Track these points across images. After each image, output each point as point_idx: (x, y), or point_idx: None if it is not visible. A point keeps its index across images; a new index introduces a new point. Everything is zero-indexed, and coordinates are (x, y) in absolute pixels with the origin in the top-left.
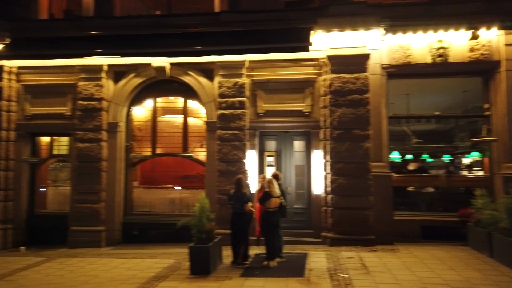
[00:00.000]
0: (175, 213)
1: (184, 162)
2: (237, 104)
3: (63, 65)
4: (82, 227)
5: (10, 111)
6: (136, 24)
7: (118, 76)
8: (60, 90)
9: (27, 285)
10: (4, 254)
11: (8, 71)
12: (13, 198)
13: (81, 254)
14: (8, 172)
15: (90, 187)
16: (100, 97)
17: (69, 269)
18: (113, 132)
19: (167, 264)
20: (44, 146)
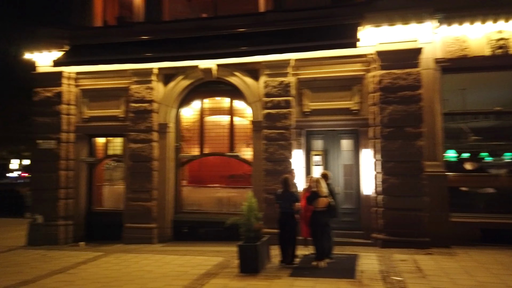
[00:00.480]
0: (222, 211)
1: (230, 161)
2: (283, 103)
3: (116, 69)
4: (136, 224)
5: (69, 114)
6: (184, 28)
7: (167, 78)
8: (114, 94)
9: (87, 278)
10: (66, 248)
11: (67, 77)
12: (73, 196)
13: (135, 250)
14: (69, 171)
15: (142, 185)
16: (150, 99)
17: (125, 264)
18: (163, 132)
19: (216, 262)
20: (100, 147)
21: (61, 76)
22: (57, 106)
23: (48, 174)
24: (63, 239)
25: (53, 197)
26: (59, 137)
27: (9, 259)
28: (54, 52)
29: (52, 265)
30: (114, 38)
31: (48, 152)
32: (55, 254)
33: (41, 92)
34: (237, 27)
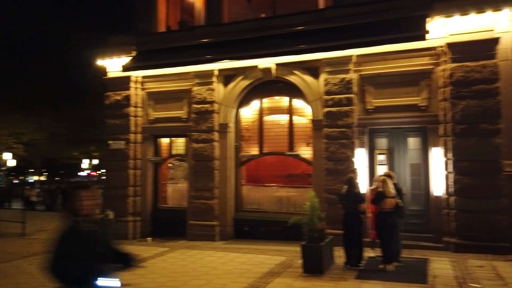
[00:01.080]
0: (282, 211)
1: (288, 160)
2: (344, 101)
3: (179, 72)
4: (199, 222)
5: (136, 116)
6: (243, 29)
7: (227, 79)
8: (177, 96)
9: (157, 272)
10: (134, 243)
11: (135, 81)
12: (140, 194)
13: (198, 246)
14: (136, 170)
15: (204, 184)
16: (211, 100)
17: (190, 260)
18: (223, 132)
19: (278, 261)
20: (164, 147)
21: (129, 80)
22: (125, 108)
23: (118, 172)
24: (131, 234)
25: (122, 195)
26: (127, 137)
27: None
28: (123, 58)
29: None
30: (176, 42)
31: (118, 152)
32: None
33: (111, 96)
34: (296, 25)
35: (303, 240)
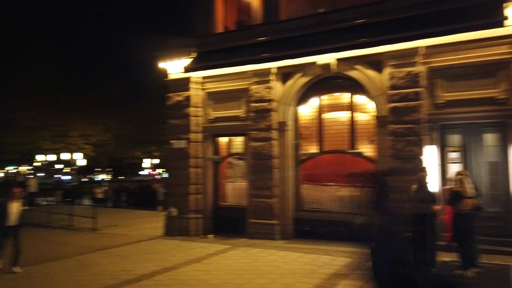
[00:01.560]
0: (344, 211)
1: (349, 159)
2: (412, 95)
3: (237, 71)
4: (259, 220)
5: (197, 116)
6: (301, 25)
7: (285, 77)
8: (236, 95)
9: (220, 269)
10: (197, 240)
11: (195, 81)
12: (201, 192)
13: (260, 245)
14: (197, 169)
15: (264, 183)
16: (270, 99)
17: (253, 258)
18: (282, 131)
19: (344, 262)
20: (223, 145)
21: (189, 81)
22: (186, 109)
23: (180, 171)
24: (194, 231)
25: (185, 192)
26: (188, 137)
27: (152, 247)
28: (183, 60)
29: (188, 254)
30: (234, 42)
31: (180, 151)
32: (189, 245)
33: (172, 97)
34: (356, 18)
35: (370, 241)
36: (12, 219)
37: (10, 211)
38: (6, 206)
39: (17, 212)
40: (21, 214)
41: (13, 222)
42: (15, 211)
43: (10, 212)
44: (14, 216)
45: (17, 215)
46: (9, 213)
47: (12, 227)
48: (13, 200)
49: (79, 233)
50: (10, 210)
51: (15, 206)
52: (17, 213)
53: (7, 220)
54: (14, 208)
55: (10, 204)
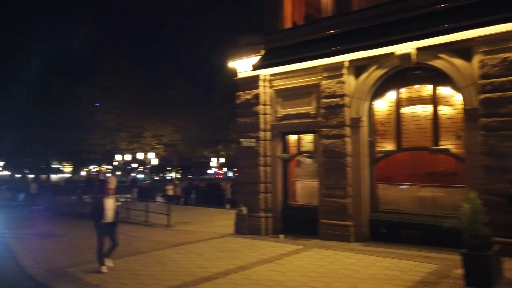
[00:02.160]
0: (427, 213)
1: (433, 157)
2: (508, 84)
3: (307, 67)
4: (331, 221)
5: (265, 113)
6: (376, 14)
7: (358, 70)
8: (305, 91)
9: (295, 270)
10: (267, 239)
11: (263, 79)
12: (271, 190)
13: (333, 247)
14: (266, 167)
15: (336, 182)
16: (342, 94)
17: (327, 260)
18: (356, 127)
19: (430, 269)
20: (292, 143)
21: (258, 79)
22: (255, 107)
23: (250, 169)
24: (264, 230)
25: (254, 191)
26: (257, 135)
27: (224, 245)
28: (252, 58)
29: (260, 253)
30: (303, 37)
31: (249, 149)
32: (260, 244)
33: (241, 95)
34: (436, 3)
35: (459, 247)
36: (109, 216)
37: (107, 207)
38: (103, 203)
39: (113, 208)
40: (116, 211)
41: (110, 219)
42: (111, 208)
43: (107, 209)
44: (111, 213)
45: (113, 211)
46: (106, 210)
47: (109, 224)
48: (108, 196)
49: (154, 229)
50: (107, 206)
51: (111, 202)
52: (113, 209)
53: (104, 217)
54: (110, 204)
55: (107, 200)
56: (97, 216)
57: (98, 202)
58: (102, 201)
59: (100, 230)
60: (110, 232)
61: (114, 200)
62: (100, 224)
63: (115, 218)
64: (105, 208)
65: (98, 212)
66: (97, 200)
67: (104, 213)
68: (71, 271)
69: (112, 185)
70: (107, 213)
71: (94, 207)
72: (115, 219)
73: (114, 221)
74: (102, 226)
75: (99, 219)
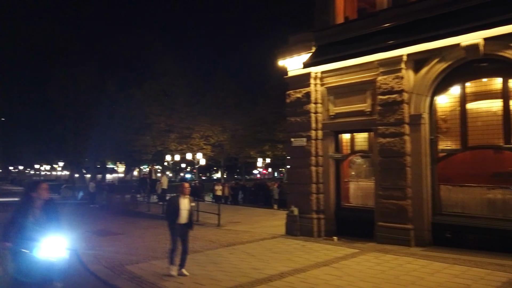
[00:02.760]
0: (497, 217)
1: (500, 156)
2: None
3: (360, 63)
4: (389, 223)
5: (317, 112)
6: (435, 4)
7: (418, 64)
8: (359, 88)
9: (353, 275)
10: (320, 241)
11: (314, 77)
12: (323, 191)
13: (392, 251)
14: (318, 167)
15: (394, 182)
16: (400, 90)
17: (388, 266)
18: (415, 125)
19: (505, 278)
20: (345, 143)
21: (309, 77)
22: (306, 105)
23: (301, 169)
24: (316, 232)
25: (306, 192)
26: (308, 134)
27: (276, 246)
28: (303, 55)
29: (314, 256)
30: (357, 32)
31: (300, 149)
32: (313, 246)
33: (292, 94)
34: None
35: None
36: (183, 217)
37: (181, 207)
38: (179, 203)
39: (188, 209)
40: (190, 212)
41: (184, 220)
42: (186, 208)
43: (182, 209)
44: (185, 214)
45: (187, 212)
46: (181, 210)
47: (183, 226)
48: (184, 196)
49: (205, 228)
50: (181, 206)
51: (186, 202)
52: (188, 210)
53: (179, 218)
54: (185, 204)
55: (182, 200)
56: (172, 216)
57: (173, 202)
58: (177, 201)
59: (174, 231)
60: (183, 234)
61: (189, 201)
62: (175, 225)
63: (190, 219)
64: (180, 208)
65: (173, 212)
66: (172, 200)
67: (179, 213)
68: (129, 269)
69: (187, 184)
70: (181, 213)
71: (169, 207)
72: (189, 220)
73: (189, 222)
74: (176, 227)
75: (174, 220)
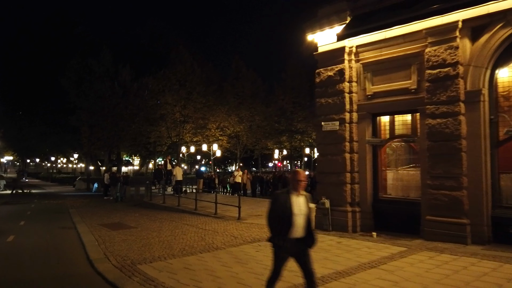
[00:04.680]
0: None
1: None
2: None
3: (404, 33)
4: (440, 218)
5: (351, 92)
6: None
7: (476, 32)
8: (402, 63)
9: (411, 279)
10: (357, 237)
11: (348, 52)
12: (358, 181)
13: (446, 249)
14: (353, 154)
15: (446, 170)
16: (454, 62)
17: (450, 268)
18: (473, 102)
19: None
20: (384, 126)
21: (342, 52)
22: (338, 85)
23: (333, 157)
24: (351, 227)
25: (339, 182)
26: (342, 117)
27: None
28: (336, 28)
29: (356, 255)
30: None
31: (332, 134)
32: (351, 243)
33: (322, 72)
34: None
35: None
36: (299, 226)
37: (295, 211)
38: (291, 203)
39: (305, 213)
40: (308, 217)
41: (300, 232)
42: (302, 212)
43: (296, 214)
44: (302, 221)
45: (305, 218)
46: (295, 215)
47: (298, 241)
48: (298, 193)
49: (225, 221)
50: (295, 209)
51: (301, 202)
52: (305, 214)
53: (292, 228)
54: (301, 206)
55: (295, 199)
56: (278, 224)
57: (280, 202)
58: (287, 201)
59: (280, 251)
60: (299, 255)
61: (306, 200)
62: (282, 241)
63: (308, 230)
64: (293, 213)
65: (279, 219)
66: (278, 198)
67: (291, 220)
68: (142, 269)
69: (303, 173)
70: (295, 220)
71: (273, 210)
72: (307, 232)
73: (307, 235)
74: (285, 245)
75: (282, 231)
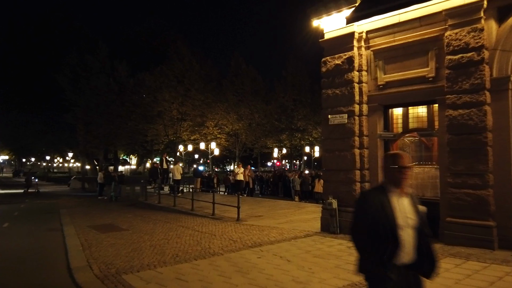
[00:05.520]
0: None
1: None
2: None
3: (420, 16)
4: (462, 219)
5: (361, 82)
6: None
7: (502, 13)
8: (418, 49)
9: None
10: None
11: (358, 38)
12: (369, 179)
13: (472, 255)
14: (363, 149)
15: (470, 167)
16: (479, 46)
17: (483, 279)
18: (500, 91)
19: None
20: (396, 119)
21: (351, 38)
22: (347, 74)
23: (341, 153)
24: None
25: (347, 180)
26: (351, 109)
27: (315, 247)
28: (344, 11)
29: None
30: None
31: (339, 128)
32: None
33: (329, 61)
34: None
35: None
36: (408, 246)
37: (400, 221)
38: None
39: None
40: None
41: (411, 254)
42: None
43: (402, 225)
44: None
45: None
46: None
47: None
48: (401, 192)
49: (223, 223)
50: (400, 220)
51: (406, 205)
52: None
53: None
54: (407, 211)
55: (399, 202)
56: (373, 243)
57: (374, 207)
58: (386, 205)
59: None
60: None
61: (413, 202)
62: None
63: (423, 251)
64: (396, 224)
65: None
66: (370, 201)
67: (396, 236)
68: (127, 279)
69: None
70: (403, 236)
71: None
72: (421, 254)
73: (422, 259)
74: (388, 276)
75: (383, 255)
